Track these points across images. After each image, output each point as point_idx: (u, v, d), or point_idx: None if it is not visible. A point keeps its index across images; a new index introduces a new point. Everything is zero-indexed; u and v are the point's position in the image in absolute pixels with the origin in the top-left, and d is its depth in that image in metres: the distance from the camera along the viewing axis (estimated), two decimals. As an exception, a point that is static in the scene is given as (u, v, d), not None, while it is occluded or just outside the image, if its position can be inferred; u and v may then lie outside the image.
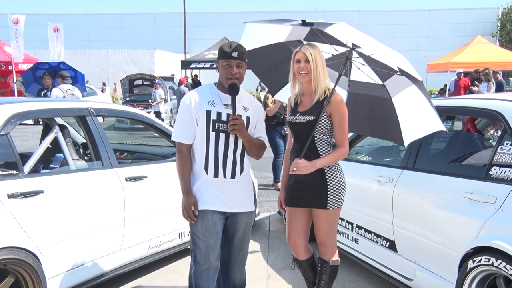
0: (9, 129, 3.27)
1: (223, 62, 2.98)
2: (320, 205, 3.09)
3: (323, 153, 3.06)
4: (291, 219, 3.27)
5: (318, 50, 3.04)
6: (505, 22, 34.78)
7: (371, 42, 3.07)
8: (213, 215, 2.99)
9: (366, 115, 3.46)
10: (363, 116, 3.47)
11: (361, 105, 3.45)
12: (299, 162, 2.99)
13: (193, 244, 3.06)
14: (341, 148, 3.06)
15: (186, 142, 3.01)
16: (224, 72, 2.98)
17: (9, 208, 3.05)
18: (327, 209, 3.09)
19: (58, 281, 3.38)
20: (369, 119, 3.47)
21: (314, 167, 3.00)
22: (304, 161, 2.99)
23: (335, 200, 3.09)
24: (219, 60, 3.02)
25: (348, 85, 3.41)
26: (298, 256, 3.33)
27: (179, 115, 3.03)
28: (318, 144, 3.07)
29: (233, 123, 2.93)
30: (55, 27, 18.73)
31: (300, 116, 3.10)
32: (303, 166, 2.98)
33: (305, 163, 2.99)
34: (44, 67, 12.31)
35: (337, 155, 3.06)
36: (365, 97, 3.40)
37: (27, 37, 19.29)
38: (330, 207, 3.09)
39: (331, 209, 3.10)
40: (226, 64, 2.96)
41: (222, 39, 21.74)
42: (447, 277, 3.20)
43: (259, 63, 3.54)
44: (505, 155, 2.99)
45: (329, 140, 3.11)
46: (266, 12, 36.32)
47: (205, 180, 2.99)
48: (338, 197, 3.10)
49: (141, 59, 31.08)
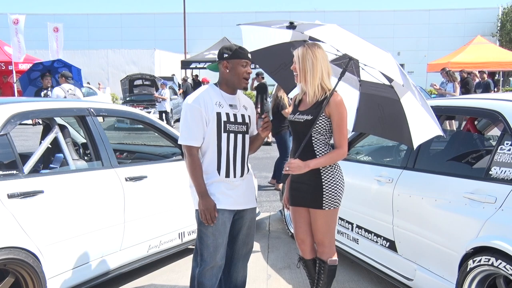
0: (9, 129, 3.27)
1: (240, 61, 3.01)
2: (316, 205, 3.11)
3: (320, 154, 3.06)
4: (295, 218, 3.31)
5: (314, 50, 3.00)
6: (505, 22, 34.77)
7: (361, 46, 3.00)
8: (223, 214, 3.02)
9: (378, 116, 3.43)
10: (376, 117, 3.45)
11: (373, 105, 3.43)
12: (292, 162, 3.00)
13: (200, 242, 3.06)
14: (339, 149, 3.05)
15: (197, 145, 3.01)
16: (241, 72, 3.02)
17: (9, 208, 3.05)
18: (323, 209, 3.10)
19: (58, 281, 3.38)
20: (381, 120, 3.44)
21: (307, 167, 3.00)
22: (297, 161, 3.00)
23: (330, 200, 3.09)
24: (232, 60, 3.02)
25: (359, 84, 3.42)
26: (304, 255, 3.36)
27: (187, 118, 3.00)
28: (315, 144, 3.07)
29: (267, 123, 3.06)
30: (55, 27, 18.72)
31: (299, 115, 3.11)
32: (296, 166, 2.99)
33: (298, 163, 2.99)
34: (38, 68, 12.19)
35: (333, 156, 3.05)
36: (376, 98, 3.38)
37: (27, 37, 19.26)
38: (326, 207, 3.09)
39: (327, 209, 3.10)
40: (245, 64, 3.03)
41: (222, 39, 21.76)
42: (447, 277, 3.20)
43: (270, 62, 3.56)
44: (505, 155, 2.99)
45: (327, 140, 3.10)
46: (266, 12, 36.30)
47: (216, 181, 3.02)
48: (334, 198, 3.09)
49: (141, 59, 31.05)
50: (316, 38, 3.08)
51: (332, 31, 3.01)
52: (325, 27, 3.01)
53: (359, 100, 3.46)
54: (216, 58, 3.16)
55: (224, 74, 3.06)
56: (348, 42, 3.01)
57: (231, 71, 3.02)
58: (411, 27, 36.29)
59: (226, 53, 3.03)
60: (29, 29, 22.63)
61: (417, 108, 3.09)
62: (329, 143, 3.12)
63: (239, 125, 3.06)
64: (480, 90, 13.88)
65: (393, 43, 34.27)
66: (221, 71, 3.07)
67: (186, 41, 28.54)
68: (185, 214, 4.31)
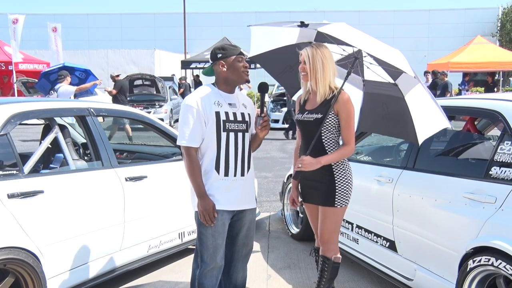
0: (9, 129, 3.27)
1: (236, 58, 3.02)
2: (328, 203, 3.16)
3: (330, 151, 3.12)
4: (310, 214, 3.44)
5: (322, 50, 3.06)
6: (505, 22, 34.72)
7: (371, 41, 3.09)
8: (222, 214, 3.02)
9: (383, 114, 3.49)
10: (380, 115, 3.51)
11: (377, 104, 3.48)
12: (304, 158, 3.06)
13: (200, 244, 3.06)
14: (347, 146, 3.13)
15: (195, 146, 3.01)
16: (239, 66, 3.02)
17: (9, 208, 3.05)
18: (335, 207, 3.15)
19: (58, 281, 3.38)
20: (386, 118, 3.50)
21: (318, 163, 3.06)
22: (309, 158, 3.05)
23: (342, 198, 3.16)
24: (227, 58, 3.02)
25: (363, 84, 3.45)
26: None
27: (185, 119, 2.99)
28: (325, 142, 3.13)
29: (266, 122, 3.05)
30: (53, 27, 18.72)
31: (308, 115, 3.16)
32: (308, 162, 3.04)
33: (310, 159, 3.04)
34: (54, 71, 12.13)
35: (342, 153, 3.12)
36: (380, 97, 3.43)
37: (27, 37, 19.30)
38: (338, 205, 3.16)
39: (339, 207, 3.16)
40: (241, 59, 3.04)
41: (222, 39, 21.72)
42: (447, 277, 3.20)
43: (275, 65, 3.60)
44: (505, 155, 2.99)
45: (337, 138, 3.17)
46: (266, 12, 36.27)
47: (215, 180, 3.01)
48: (345, 195, 3.17)
49: (141, 59, 31.02)
50: (324, 36, 3.11)
51: (342, 28, 3.07)
52: (335, 24, 3.07)
53: (363, 100, 3.50)
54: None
55: (222, 74, 3.05)
56: (359, 38, 3.07)
57: (229, 68, 3.02)
58: (411, 27, 36.25)
59: (219, 53, 3.03)
60: (29, 29, 22.65)
61: (426, 100, 3.15)
62: (339, 141, 3.18)
63: (239, 124, 3.06)
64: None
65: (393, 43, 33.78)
66: (218, 71, 3.06)
67: (186, 41, 28.53)
68: (185, 214, 4.30)
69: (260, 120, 3.07)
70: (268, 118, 3.10)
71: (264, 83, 3.14)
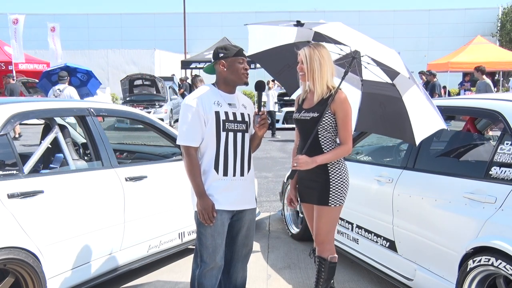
0: (9, 129, 3.27)
1: (237, 59, 3.03)
2: (323, 202, 3.15)
3: (327, 150, 3.12)
4: (306, 214, 3.43)
5: (320, 50, 3.06)
6: (505, 22, 34.72)
7: (367, 41, 3.08)
8: (222, 214, 3.02)
9: (380, 114, 3.49)
10: (378, 115, 3.51)
11: (375, 104, 3.48)
12: (300, 157, 3.05)
13: (199, 244, 3.06)
14: (344, 145, 3.12)
15: (195, 145, 3.01)
16: (239, 68, 3.04)
17: (9, 208, 3.05)
18: (329, 206, 3.14)
19: (58, 281, 3.38)
20: (383, 118, 3.50)
21: (314, 163, 3.06)
22: (304, 157, 3.05)
23: (337, 197, 3.15)
24: (229, 59, 3.03)
25: (361, 84, 3.44)
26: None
27: (185, 118, 3.00)
28: (322, 141, 3.12)
29: (264, 120, 3.05)
30: (52, 27, 18.72)
31: (305, 113, 3.16)
32: (304, 161, 3.04)
33: (306, 158, 3.04)
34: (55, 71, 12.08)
35: (339, 152, 3.11)
36: (378, 97, 3.43)
37: (27, 37, 19.27)
38: (332, 204, 3.14)
39: (333, 206, 3.15)
40: (242, 60, 3.05)
41: (222, 39, 21.72)
42: (447, 277, 3.20)
43: (274, 64, 3.60)
44: (505, 155, 2.99)
45: (334, 137, 3.16)
46: (266, 12, 36.24)
47: (214, 179, 3.01)
48: (340, 195, 3.15)
49: (141, 59, 31.03)
50: (321, 36, 3.11)
51: (338, 27, 3.07)
52: (331, 24, 3.07)
53: (361, 100, 3.50)
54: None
55: (222, 73, 3.06)
56: (355, 37, 3.07)
57: (229, 69, 3.03)
58: (411, 27, 36.26)
59: (221, 52, 3.04)
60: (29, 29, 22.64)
61: (422, 102, 3.14)
62: (336, 141, 3.17)
63: (238, 124, 3.06)
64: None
65: (393, 43, 34.10)
66: (219, 70, 3.07)
67: (186, 41, 28.53)
68: (185, 214, 4.30)
69: (258, 118, 3.07)
70: (265, 116, 3.09)
71: (261, 82, 3.16)
